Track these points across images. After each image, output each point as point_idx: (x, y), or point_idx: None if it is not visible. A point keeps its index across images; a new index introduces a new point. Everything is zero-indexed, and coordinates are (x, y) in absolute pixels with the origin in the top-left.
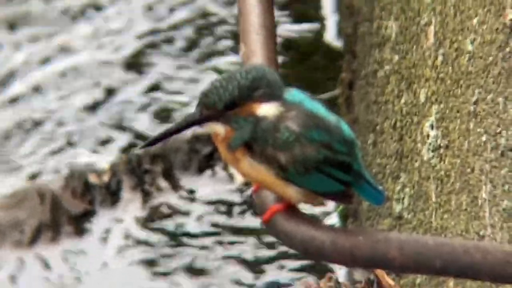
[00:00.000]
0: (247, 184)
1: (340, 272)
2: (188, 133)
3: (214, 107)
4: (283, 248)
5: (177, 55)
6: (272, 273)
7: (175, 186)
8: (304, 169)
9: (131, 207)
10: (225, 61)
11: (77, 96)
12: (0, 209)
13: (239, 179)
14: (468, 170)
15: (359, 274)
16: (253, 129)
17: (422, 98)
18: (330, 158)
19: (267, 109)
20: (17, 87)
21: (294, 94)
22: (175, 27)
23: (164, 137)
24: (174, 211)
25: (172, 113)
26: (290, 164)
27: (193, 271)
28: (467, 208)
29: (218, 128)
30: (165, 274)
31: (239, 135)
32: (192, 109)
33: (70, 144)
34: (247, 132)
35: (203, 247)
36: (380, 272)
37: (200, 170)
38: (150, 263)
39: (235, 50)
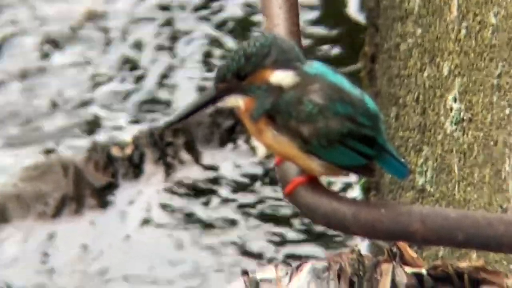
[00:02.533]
0: (269, 157)
1: (363, 244)
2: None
3: (225, 79)
4: (306, 221)
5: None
6: (294, 246)
7: (197, 159)
8: (327, 142)
9: (153, 180)
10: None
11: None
12: (23, 181)
13: (261, 152)
14: (491, 143)
15: (381, 247)
16: (275, 99)
17: (445, 71)
18: (353, 131)
19: (280, 77)
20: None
21: (316, 66)
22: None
23: (185, 117)
24: (196, 184)
25: None
26: (313, 137)
27: (216, 243)
28: (490, 181)
29: (236, 100)
30: (187, 246)
31: (260, 104)
32: None
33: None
34: (268, 101)
35: (225, 220)
36: (403, 245)
37: (222, 143)
38: (172, 235)
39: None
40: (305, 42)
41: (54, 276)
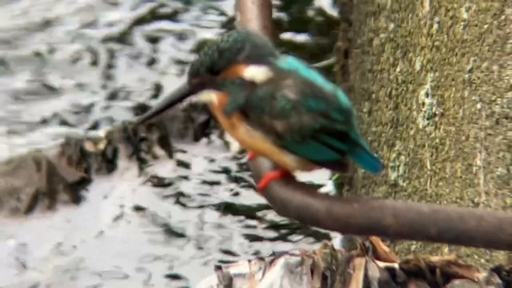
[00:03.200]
0: (242, 152)
1: (336, 239)
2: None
3: (199, 74)
4: (279, 216)
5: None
6: (267, 241)
7: (171, 155)
8: (300, 137)
9: (127, 175)
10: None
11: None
12: None
13: (234, 147)
14: (463, 137)
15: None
16: (248, 95)
17: (417, 66)
18: (326, 126)
19: (254, 72)
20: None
21: (289, 62)
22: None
23: (159, 112)
24: (170, 179)
25: None
26: (287, 132)
27: (189, 239)
28: (461, 176)
29: (209, 95)
30: (160, 241)
31: (233, 99)
32: None
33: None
34: (241, 96)
35: (199, 215)
36: (375, 239)
37: (196, 139)
38: (145, 231)
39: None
40: (278, 37)
41: (27, 272)
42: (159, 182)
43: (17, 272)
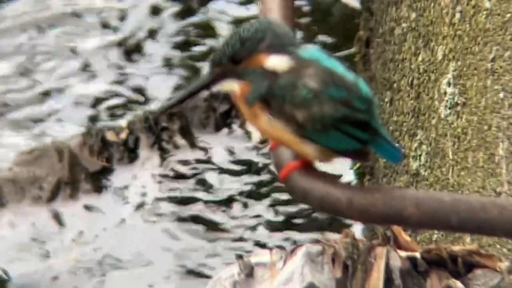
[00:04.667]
0: (263, 142)
1: (357, 228)
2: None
3: (220, 63)
4: (300, 206)
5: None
6: (289, 230)
7: (192, 144)
8: (321, 127)
9: (148, 165)
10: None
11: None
12: (18, 165)
13: (255, 137)
14: (485, 127)
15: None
16: (270, 84)
17: (439, 55)
18: (348, 116)
19: (275, 61)
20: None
21: (311, 51)
22: None
23: (181, 101)
24: (191, 169)
25: None
26: (308, 121)
27: (210, 228)
28: (484, 165)
29: (231, 85)
30: (182, 230)
31: (255, 88)
32: None
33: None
34: (263, 85)
35: (220, 205)
36: (397, 229)
37: (217, 128)
38: (167, 220)
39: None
40: (300, 26)
41: (49, 261)
42: (180, 172)
43: (39, 260)
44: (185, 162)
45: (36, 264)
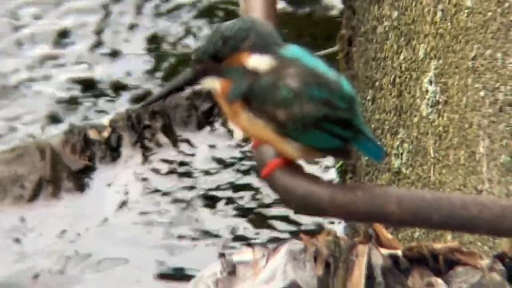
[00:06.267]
0: (246, 140)
1: (339, 226)
2: (188, 89)
3: (202, 60)
4: (282, 204)
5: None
6: (270, 229)
7: (175, 142)
8: (303, 126)
9: (130, 163)
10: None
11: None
12: (0, 164)
13: (238, 135)
14: (466, 125)
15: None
16: (251, 83)
17: (421, 54)
18: (329, 114)
19: (257, 61)
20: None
21: (292, 50)
22: None
23: (163, 97)
24: (174, 167)
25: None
26: (289, 121)
27: (194, 226)
28: (465, 163)
29: (212, 82)
30: (164, 229)
31: (235, 87)
32: None
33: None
34: (244, 84)
35: (202, 203)
36: (379, 227)
37: (200, 126)
38: (149, 218)
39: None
40: (282, 25)
41: (31, 260)
42: (163, 170)
43: (20, 260)
44: (167, 160)
45: (17, 263)
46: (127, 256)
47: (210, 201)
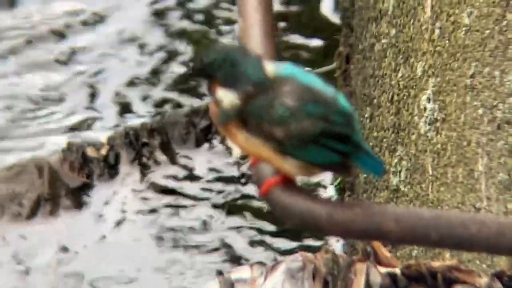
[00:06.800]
0: (244, 157)
1: (337, 244)
2: (186, 107)
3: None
4: (280, 222)
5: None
6: (269, 246)
7: (173, 160)
8: (301, 143)
9: (129, 181)
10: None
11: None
12: None
13: (236, 152)
14: (465, 143)
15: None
16: (243, 105)
17: (419, 71)
18: (327, 130)
19: (222, 94)
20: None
21: (287, 68)
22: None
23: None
24: (172, 185)
25: None
26: (287, 138)
27: (192, 244)
28: (463, 181)
29: (211, 100)
30: (162, 247)
31: (221, 111)
32: None
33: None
34: (224, 111)
35: (201, 220)
36: (377, 244)
37: (198, 144)
38: (147, 236)
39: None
40: (280, 42)
41: (29, 278)
42: (161, 188)
43: (19, 277)
44: (165, 178)
45: (15, 281)
46: (126, 273)
47: (209, 219)
